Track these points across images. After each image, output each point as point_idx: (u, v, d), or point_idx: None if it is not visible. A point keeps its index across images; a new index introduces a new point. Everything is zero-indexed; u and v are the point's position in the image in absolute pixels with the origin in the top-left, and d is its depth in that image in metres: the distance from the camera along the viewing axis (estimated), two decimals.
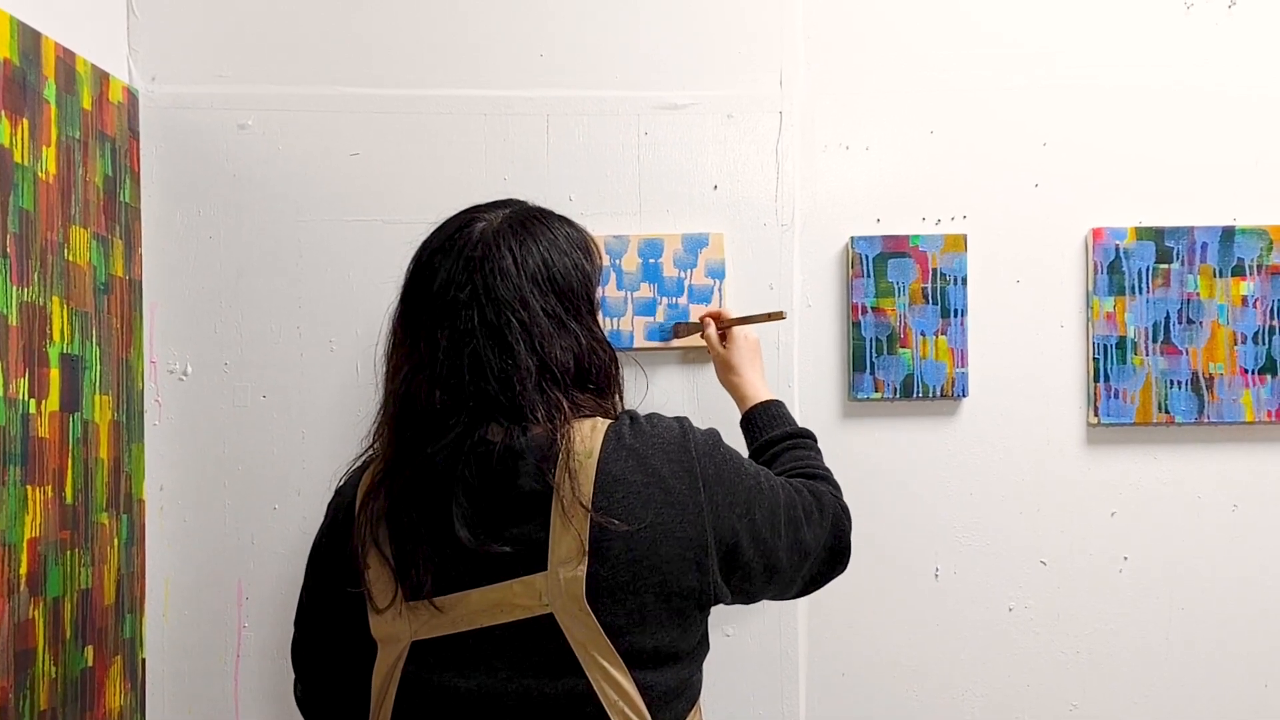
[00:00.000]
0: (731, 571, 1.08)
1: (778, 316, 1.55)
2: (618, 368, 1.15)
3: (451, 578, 1.03)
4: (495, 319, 1.04)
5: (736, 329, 1.53)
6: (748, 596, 1.13)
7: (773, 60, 1.69)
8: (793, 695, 1.67)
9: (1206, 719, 1.69)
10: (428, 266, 1.09)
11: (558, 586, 1.00)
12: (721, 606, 1.11)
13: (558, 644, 1.01)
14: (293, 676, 1.21)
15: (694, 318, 1.64)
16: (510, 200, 1.16)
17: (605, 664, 1.01)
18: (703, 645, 1.13)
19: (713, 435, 1.11)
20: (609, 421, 1.07)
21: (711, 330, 1.56)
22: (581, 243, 1.15)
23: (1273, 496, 1.69)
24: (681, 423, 1.10)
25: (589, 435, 1.04)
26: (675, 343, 1.66)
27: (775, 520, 1.10)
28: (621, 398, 1.17)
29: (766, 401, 1.41)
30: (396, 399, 1.07)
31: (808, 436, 1.35)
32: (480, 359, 1.03)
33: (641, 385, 1.59)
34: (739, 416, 1.43)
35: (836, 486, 1.25)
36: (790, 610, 1.67)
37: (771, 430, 1.36)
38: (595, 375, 1.10)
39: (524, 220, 1.11)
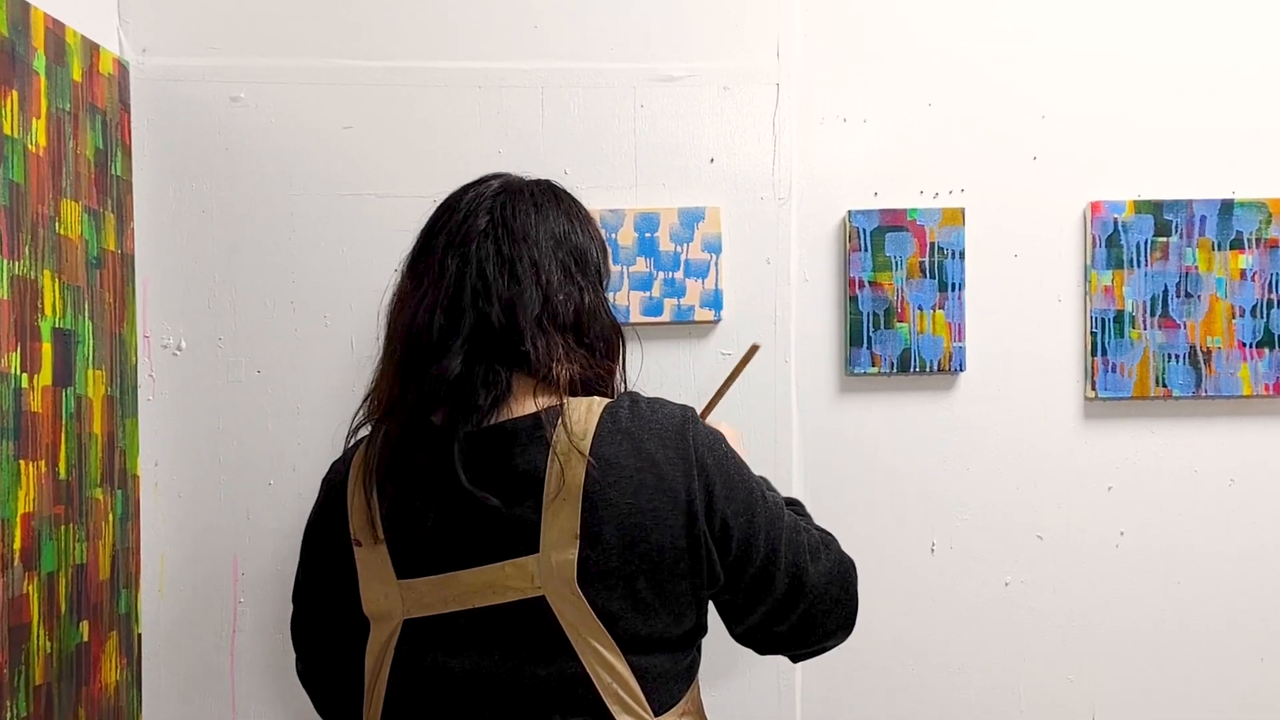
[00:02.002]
0: (723, 562, 1.05)
1: (752, 352, 1.41)
2: (621, 340, 1.14)
3: (443, 557, 1.02)
4: (510, 251, 1.05)
5: (713, 419, 1.32)
6: (733, 610, 1.09)
7: (769, 32, 1.68)
8: (789, 670, 1.67)
9: (1202, 693, 1.69)
10: (446, 207, 1.10)
11: (549, 569, 0.99)
12: None
13: (550, 626, 1.00)
14: (291, 652, 1.21)
15: (690, 294, 1.63)
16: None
17: (598, 647, 1.00)
18: (699, 628, 1.11)
19: (717, 433, 1.09)
20: (606, 402, 1.05)
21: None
22: (598, 233, 1.16)
23: (1270, 471, 1.68)
24: (684, 411, 1.07)
25: (585, 416, 1.02)
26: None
27: (774, 535, 1.06)
28: (624, 373, 1.16)
29: None
30: (396, 337, 1.07)
31: (797, 502, 1.24)
32: (487, 282, 1.03)
33: (635, 358, 1.58)
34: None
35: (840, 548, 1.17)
36: None
37: None
38: (592, 334, 1.09)
39: (549, 186, 1.14)
